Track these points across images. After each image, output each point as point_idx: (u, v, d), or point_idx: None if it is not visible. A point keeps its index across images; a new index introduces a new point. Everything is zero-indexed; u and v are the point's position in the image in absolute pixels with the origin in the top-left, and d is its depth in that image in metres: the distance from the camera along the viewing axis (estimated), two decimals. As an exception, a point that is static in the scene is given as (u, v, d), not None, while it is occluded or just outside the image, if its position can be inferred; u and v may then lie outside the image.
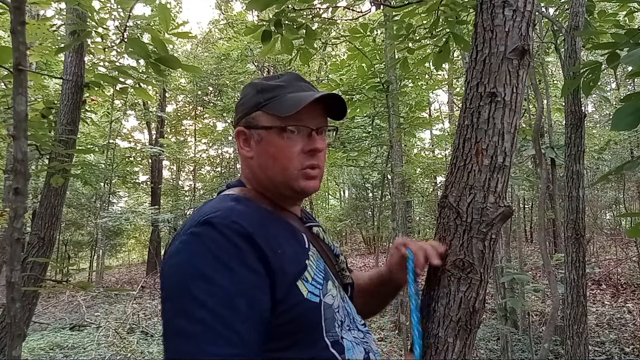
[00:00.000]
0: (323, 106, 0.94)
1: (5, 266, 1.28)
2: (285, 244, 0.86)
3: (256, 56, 11.27)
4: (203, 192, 15.01)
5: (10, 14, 1.29)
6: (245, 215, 0.83)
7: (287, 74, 0.98)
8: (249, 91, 0.97)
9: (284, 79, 0.95)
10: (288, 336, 0.80)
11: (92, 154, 11.96)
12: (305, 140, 0.91)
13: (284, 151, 0.90)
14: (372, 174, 13.32)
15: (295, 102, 0.88)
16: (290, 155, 0.90)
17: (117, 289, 6.38)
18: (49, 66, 10.17)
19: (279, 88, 0.93)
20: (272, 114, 0.91)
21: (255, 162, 0.95)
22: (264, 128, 0.92)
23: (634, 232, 1.77)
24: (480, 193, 0.95)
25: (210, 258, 0.75)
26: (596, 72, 2.43)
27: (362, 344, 0.91)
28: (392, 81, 5.70)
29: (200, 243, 0.77)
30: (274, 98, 0.92)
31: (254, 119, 0.94)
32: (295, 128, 0.90)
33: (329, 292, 0.88)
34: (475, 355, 5.95)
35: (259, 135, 0.93)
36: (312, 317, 0.83)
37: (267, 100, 0.92)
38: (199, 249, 0.77)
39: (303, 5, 2.67)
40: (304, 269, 0.86)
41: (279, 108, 0.90)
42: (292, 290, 0.81)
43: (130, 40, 2.08)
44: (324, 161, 0.97)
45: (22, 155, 1.26)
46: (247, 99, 0.96)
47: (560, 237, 4.46)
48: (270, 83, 0.95)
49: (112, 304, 9.56)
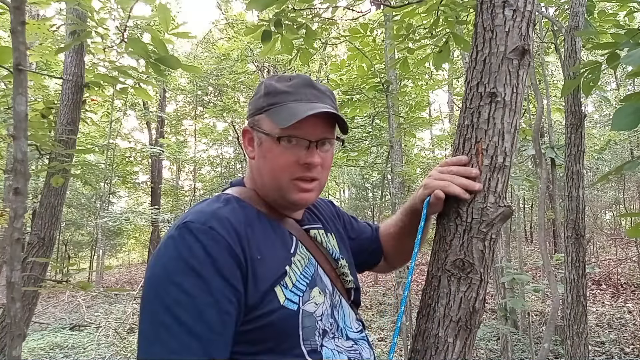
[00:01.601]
0: (328, 117, 0.91)
1: (5, 266, 1.28)
2: (267, 250, 0.85)
3: (256, 56, 11.27)
4: (203, 192, 15.01)
5: (10, 14, 1.29)
6: (227, 221, 0.82)
7: (298, 76, 0.94)
8: (259, 90, 0.96)
9: (293, 84, 0.92)
10: (261, 342, 0.80)
11: (92, 154, 11.95)
12: (303, 151, 0.89)
13: (278, 160, 0.89)
14: (372, 174, 13.31)
15: (292, 113, 0.86)
16: (284, 165, 0.89)
17: (117, 289, 6.38)
18: (49, 66, 10.16)
19: (284, 94, 0.90)
20: (272, 121, 0.89)
21: (255, 164, 0.94)
22: (264, 133, 0.91)
23: (634, 232, 1.77)
24: (480, 193, 0.95)
25: (183, 265, 0.76)
26: (596, 72, 2.42)
27: (346, 352, 0.89)
28: (392, 81, 5.69)
29: (175, 248, 0.78)
30: (276, 104, 0.90)
31: (258, 122, 0.93)
32: (292, 139, 0.88)
33: (312, 300, 0.87)
34: (475, 355, 5.95)
35: (259, 138, 0.92)
36: (288, 325, 0.82)
37: (270, 105, 0.91)
38: (174, 254, 0.78)
39: (303, 5, 2.67)
40: (284, 274, 0.84)
41: (277, 117, 0.88)
42: (267, 297, 0.80)
43: (130, 40, 2.08)
44: (324, 173, 0.94)
45: (22, 155, 1.26)
46: (255, 99, 0.95)
47: (560, 237, 4.46)
48: (278, 87, 0.92)
49: (112, 304, 9.57)
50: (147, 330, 0.75)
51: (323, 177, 0.94)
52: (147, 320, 0.76)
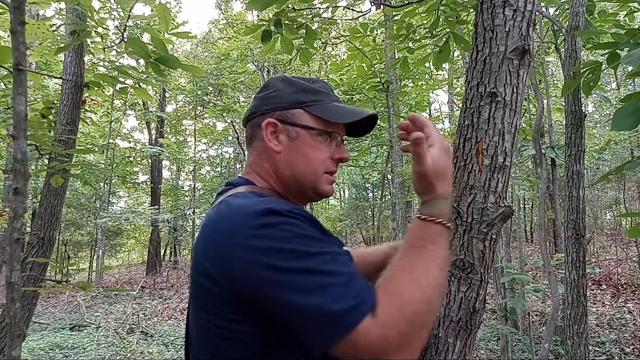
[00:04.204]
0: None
1: (5, 266, 1.27)
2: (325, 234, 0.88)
3: (256, 56, 11.26)
4: (203, 192, 15.01)
5: (10, 14, 1.29)
6: (294, 205, 0.84)
7: (321, 81, 1.00)
8: (282, 86, 0.96)
9: (322, 86, 0.97)
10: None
11: (92, 154, 11.96)
12: (333, 148, 0.95)
13: (318, 154, 0.93)
14: (372, 174, 13.32)
15: (346, 112, 0.92)
16: (323, 158, 0.93)
17: (117, 289, 6.38)
18: (48, 66, 10.17)
19: (323, 94, 0.95)
20: (317, 116, 0.92)
21: (283, 158, 0.93)
22: (304, 127, 0.92)
23: (634, 232, 1.77)
24: (480, 193, 0.95)
25: (296, 238, 0.74)
26: (596, 72, 2.42)
27: None
28: (392, 81, 5.69)
29: (279, 230, 0.75)
30: (319, 102, 0.94)
31: (294, 116, 0.93)
32: (335, 135, 0.94)
33: None
34: (476, 355, 5.94)
35: (296, 132, 0.92)
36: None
37: (313, 101, 0.94)
38: (281, 234, 0.74)
39: (303, 5, 2.67)
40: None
41: (328, 113, 0.92)
42: None
43: (130, 40, 2.08)
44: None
45: (22, 155, 1.26)
46: (284, 94, 0.95)
47: (560, 237, 4.46)
48: (313, 86, 0.96)
49: (111, 304, 9.57)
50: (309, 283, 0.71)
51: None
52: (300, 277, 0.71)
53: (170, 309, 9.49)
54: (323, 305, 0.69)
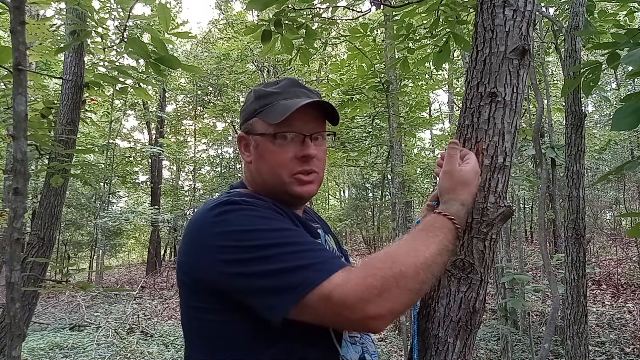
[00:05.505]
0: (318, 111, 0.95)
1: (5, 266, 1.27)
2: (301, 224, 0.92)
3: (256, 56, 11.25)
4: (203, 192, 15.00)
5: (10, 14, 1.29)
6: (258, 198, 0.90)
7: (286, 79, 1.00)
8: (250, 97, 1.00)
9: (281, 85, 0.97)
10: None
11: (92, 154, 11.95)
12: (298, 146, 0.93)
13: (276, 157, 0.92)
14: (372, 174, 13.32)
15: (284, 109, 0.90)
16: (282, 161, 0.92)
17: (117, 289, 6.37)
18: (48, 66, 10.17)
19: (274, 95, 0.95)
20: (265, 121, 0.93)
21: (254, 167, 0.97)
22: (259, 134, 0.94)
23: (634, 232, 1.77)
24: (480, 193, 0.95)
25: (254, 219, 0.81)
26: (596, 72, 2.42)
27: (358, 344, 0.92)
28: (392, 81, 5.69)
29: (235, 215, 0.81)
30: (268, 105, 0.94)
31: (252, 125, 0.96)
32: (287, 134, 0.92)
33: None
34: (476, 355, 5.94)
35: (255, 141, 0.95)
36: None
37: (262, 107, 0.95)
38: (237, 219, 0.81)
39: (303, 5, 2.67)
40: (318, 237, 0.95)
41: (270, 115, 0.92)
42: None
43: (130, 40, 2.08)
44: (321, 165, 0.98)
45: (22, 155, 1.26)
46: (247, 105, 0.99)
47: (560, 237, 4.45)
48: (267, 90, 0.96)
49: (112, 304, 9.56)
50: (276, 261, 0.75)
51: (320, 170, 0.98)
52: (260, 261, 0.76)
53: (170, 309, 9.49)
54: (287, 268, 0.74)
